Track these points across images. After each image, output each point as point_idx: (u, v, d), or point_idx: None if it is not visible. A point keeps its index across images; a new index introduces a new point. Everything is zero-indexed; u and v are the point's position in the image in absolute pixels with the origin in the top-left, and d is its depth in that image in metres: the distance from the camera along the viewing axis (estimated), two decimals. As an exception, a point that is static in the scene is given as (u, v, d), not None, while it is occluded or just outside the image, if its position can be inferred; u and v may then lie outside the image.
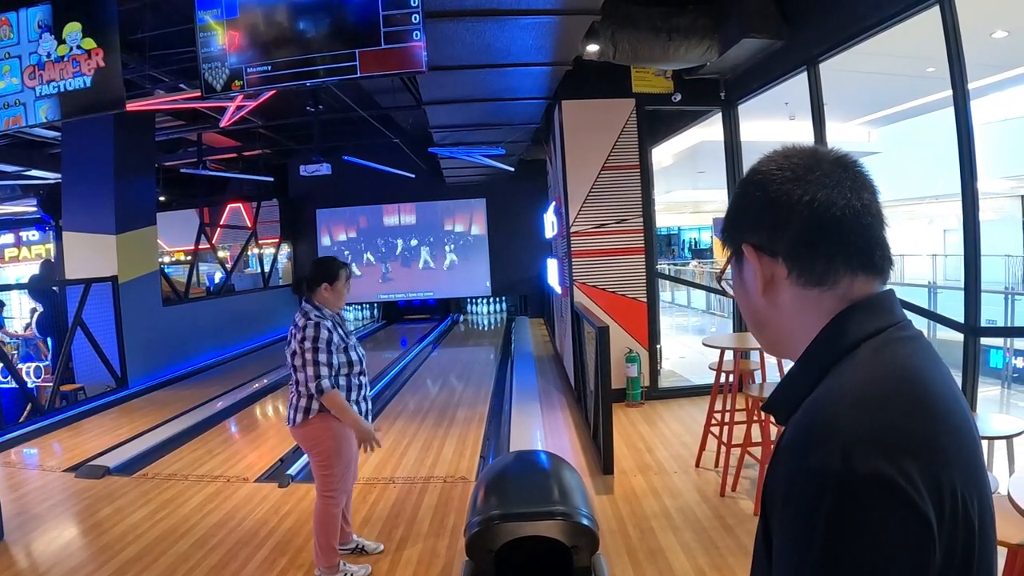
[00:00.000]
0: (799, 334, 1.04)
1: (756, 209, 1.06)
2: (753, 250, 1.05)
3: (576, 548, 2.50)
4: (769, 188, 1.04)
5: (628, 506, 5.07)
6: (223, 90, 5.68)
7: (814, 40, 6.23)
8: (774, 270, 1.04)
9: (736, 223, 1.11)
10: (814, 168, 1.03)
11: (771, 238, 1.03)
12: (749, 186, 1.08)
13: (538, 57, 6.87)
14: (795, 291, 1.03)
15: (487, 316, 19.08)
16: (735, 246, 1.11)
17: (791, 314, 1.05)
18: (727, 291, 1.20)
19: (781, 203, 1.02)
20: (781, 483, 0.88)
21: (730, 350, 5.56)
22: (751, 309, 1.12)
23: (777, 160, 1.06)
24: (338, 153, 13.26)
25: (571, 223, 8.18)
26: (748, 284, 1.10)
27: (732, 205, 1.13)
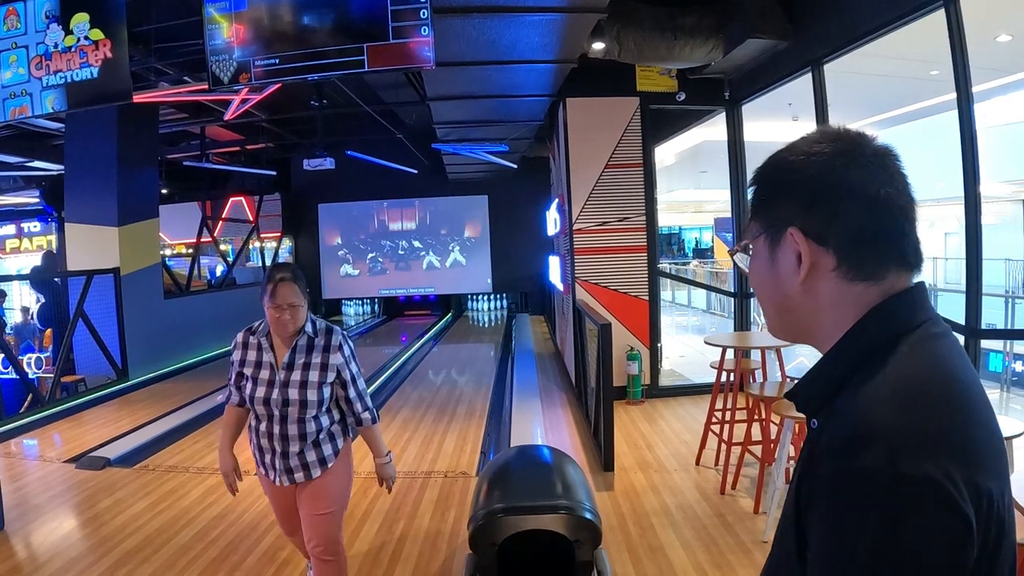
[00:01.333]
0: (831, 326, 1.00)
1: (810, 191, 0.99)
2: (802, 235, 0.99)
3: (578, 542, 2.51)
4: (825, 170, 0.98)
5: (628, 503, 5.08)
6: (230, 83, 5.69)
7: (819, 41, 6.23)
8: (819, 259, 0.99)
9: (780, 198, 1.03)
10: (868, 156, 0.99)
11: (824, 226, 0.98)
12: (802, 162, 1.01)
13: (543, 54, 6.87)
14: (837, 283, 0.98)
15: (488, 313, 19.09)
16: (773, 224, 1.04)
17: (827, 305, 1.00)
18: (740, 267, 1.14)
19: (841, 190, 0.97)
20: (825, 481, 0.87)
21: (731, 349, 5.58)
22: (778, 293, 1.05)
23: (829, 140, 1.01)
24: (341, 148, 13.26)
25: (574, 220, 8.18)
26: (782, 267, 1.03)
27: (775, 177, 1.06)
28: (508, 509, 2.45)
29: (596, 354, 6.29)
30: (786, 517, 0.97)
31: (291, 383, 3.11)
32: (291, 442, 3.14)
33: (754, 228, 1.08)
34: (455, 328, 16.91)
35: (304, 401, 3.10)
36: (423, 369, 11.50)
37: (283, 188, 18.05)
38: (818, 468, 0.89)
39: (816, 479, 0.89)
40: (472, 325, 17.72)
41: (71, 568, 4.32)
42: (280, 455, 3.15)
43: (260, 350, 3.20)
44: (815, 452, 0.92)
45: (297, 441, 3.14)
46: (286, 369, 3.13)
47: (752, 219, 1.10)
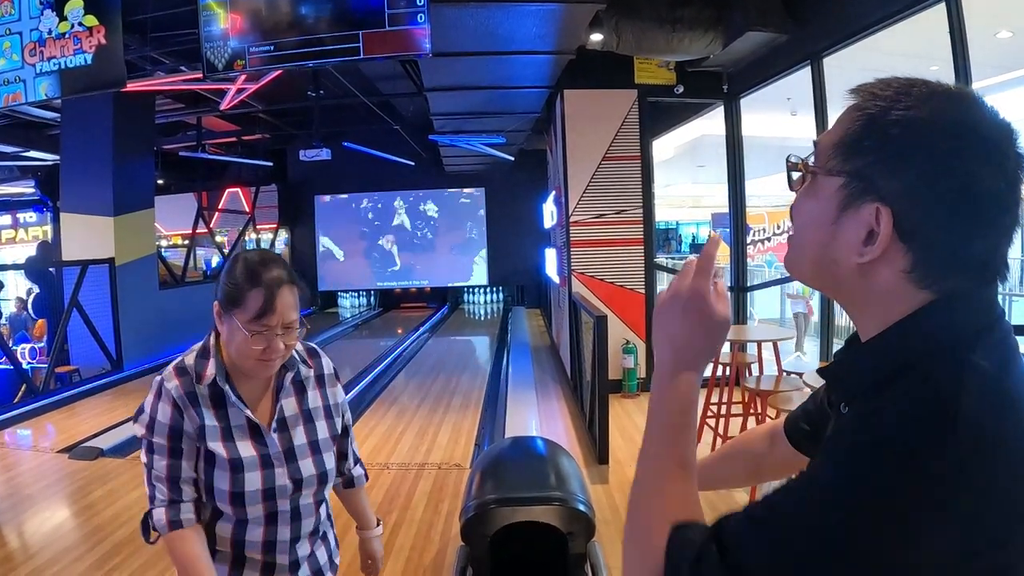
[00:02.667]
0: (876, 312, 0.86)
1: (927, 172, 0.80)
2: (891, 218, 0.81)
3: (572, 534, 2.49)
4: (955, 152, 0.79)
5: (623, 496, 5.06)
6: (225, 70, 5.66)
7: (818, 35, 6.21)
8: (893, 252, 0.83)
9: (886, 160, 0.82)
10: (1005, 147, 0.81)
11: (921, 224, 0.81)
12: (930, 126, 0.81)
13: (541, 45, 6.84)
14: (903, 285, 0.83)
15: (484, 305, 19.06)
16: (863, 183, 0.84)
17: (881, 297, 0.85)
18: (792, 180, 0.95)
19: (967, 199, 0.79)
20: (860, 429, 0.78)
21: (727, 342, 5.56)
22: (824, 252, 0.89)
23: (965, 106, 0.82)
24: (338, 139, 13.22)
25: (570, 213, 8.16)
26: (845, 235, 0.86)
27: (891, 131, 0.82)
28: (501, 500, 2.43)
29: (591, 347, 6.28)
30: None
31: (297, 451, 1.92)
32: (302, 544, 1.96)
33: (836, 164, 0.87)
34: (451, 320, 16.89)
35: (324, 474, 1.97)
36: (419, 361, 11.48)
37: (280, 179, 18.01)
38: (852, 431, 0.81)
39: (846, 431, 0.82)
40: (468, 318, 17.71)
41: (63, 558, 4.30)
42: (290, 569, 1.94)
43: (222, 406, 1.85)
44: (844, 427, 0.85)
45: (308, 541, 1.98)
46: (279, 429, 1.91)
47: (838, 151, 0.87)
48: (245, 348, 1.79)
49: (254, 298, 1.76)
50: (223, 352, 1.87)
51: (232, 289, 1.79)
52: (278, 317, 1.77)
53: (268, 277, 1.79)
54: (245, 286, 1.77)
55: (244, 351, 1.79)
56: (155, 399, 1.81)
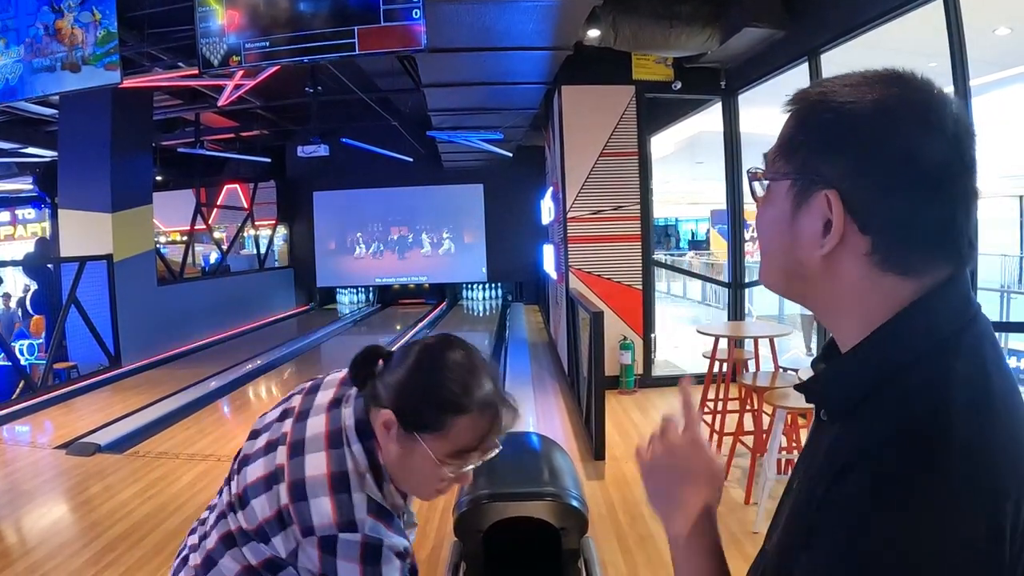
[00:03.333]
0: (851, 313, 0.84)
1: (866, 151, 0.79)
2: (841, 204, 0.80)
3: (565, 530, 2.50)
4: (892, 128, 0.79)
5: (619, 492, 5.07)
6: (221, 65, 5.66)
7: (816, 31, 6.20)
8: (852, 237, 0.81)
9: (825, 148, 0.82)
10: (945, 119, 0.80)
11: (872, 201, 0.79)
12: (862, 110, 0.80)
13: (538, 41, 6.84)
14: (867, 270, 0.81)
15: (482, 302, 19.06)
16: (807, 175, 0.83)
17: (850, 290, 0.83)
18: (754, 193, 0.93)
19: (906, 159, 0.78)
20: (860, 480, 0.74)
21: (724, 338, 5.57)
22: (789, 257, 0.87)
23: (897, 85, 0.82)
24: (336, 135, 13.21)
25: (568, 208, 8.16)
26: (803, 230, 0.84)
27: (825, 118, 0.83)
28: (494, 496, 2.43)
29: (589, 343, 6.28)
30: (796, 517, 0.85)
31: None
32: None
33: (781, 166, 0.87)
34: (449, 317, 16.88)
35: None
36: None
37: (278, 175, 17.99)
38: (850, 469, 0.76)
39: (847, 481, 0.76)
40: (466, 314, 17.70)
41: (60, 553, 4.31)
42: None
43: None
44: (839, 450, 0.80)
45: None
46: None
47: (780, 154, 0.88)
48: (431, 478, 1.45)
49: (467, 428, 1.40)
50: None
51: (441, 408, 1.39)
52: (493, 443, 1.45)
53: (484, 396, 1.41)
54: (461, 411, 1.39)
55: (429, 480, 1.46)
56: (384, 567, 1.33)
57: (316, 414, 1.48)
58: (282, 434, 1.48)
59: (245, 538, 1.43)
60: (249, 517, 1.42)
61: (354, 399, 1.49)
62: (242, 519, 1.43)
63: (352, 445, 1.41)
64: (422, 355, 1.45)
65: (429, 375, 1.42)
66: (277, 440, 1.47)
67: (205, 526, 1.57)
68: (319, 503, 1.34)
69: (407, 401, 1.40)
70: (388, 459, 1.42)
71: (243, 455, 1.54)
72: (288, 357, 11.37)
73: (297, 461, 1.40)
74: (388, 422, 1.40)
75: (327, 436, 1.43)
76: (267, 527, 1.38)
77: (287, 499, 1.36)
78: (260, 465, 1.46)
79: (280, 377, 10.07)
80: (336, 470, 1.38)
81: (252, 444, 1.54)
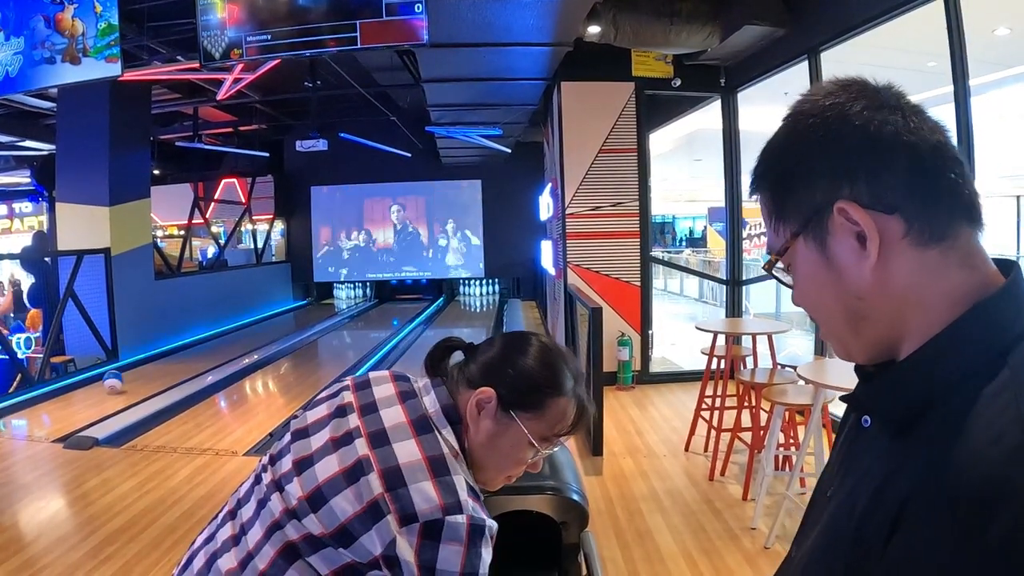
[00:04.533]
0: (916, 313, 0.78)
1: (843, 150, 0.79)
2: (856, 206, 0.77)
3: (565, 524, 2.50)
4: (852, 122, 0.78)
5: (617, 487, 5.08)
6: (222, 59, 5.64)
7: (816, 30, 6.21)
8: (886, 228, 0.77)
9: (807, 178, 0.81)
10: (888, 99, 0.80)
11: (876, 185, 0.77)
12: (818, 125, 0.80)
13: (539, 37, 6.84)
14: (913, 253, 0.77)
15: (480, 298, 19.06)
16: (810, 214, 0.81)
17: (909, 286, 0.78)
18: (783, 281, 0.89)
19: (879, 138, 0.77)
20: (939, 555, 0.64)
21: (722, 335, 5.57)
22: (846, 299, 0.82)
23: (837, 91, 0.81)
24: (334, 130, 13.20)
25: (566, 205, 8.16)
26: (843, 260, 0.80)
27: (787, 158, 0.84)
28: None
29: (587, 339, 6.28)
30: (833, 531, 0.79)
31: None
32: None
33: (783, 233, 0.85)
34: (447, 312, 16.88)
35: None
36: (414, 353, 11.47)
37: (276, 170, 17.97)
38: (918, 506, 0.68)
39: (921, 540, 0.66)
40: (464, 310, 17.69)
41: (58, 547, 4.30)
42: None
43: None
44: (896, 474, 0.72)
45: None
46: None
47: (775, 225, 0.87)
48: (514, 460, 1.50)
49: (563, 410, 1.47)
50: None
51: (539, 389, 1.45)
52: (568, 435, 1.52)
53: (582, 392, 1.51)
54: (559, 392, 1.46)
55: (513, 462, 1.50)
56: (484, 551, 1.31)
57: (388, 406, 1.45)
58: (353, 427, 1.41)
59: (316, 545, 1.33)
60: (327, 519, 1.32)
61: (433, 388, 1.49)
62: (314, 523, 1.33)
63: (442, 430, 1.41)
64: (517, 339, 1.51)
65: (528, 357, 1.46)
66: (347, 435, 1.40)
67: (228, 543, 1.45)
68: (421, 488, 1.30)
69: (506, 380, 1.44)
70: (476, 440, 1.45)
71: (298, 457, 1.42)
72: (285, 352, 11.36)
73: (385, 450, 1.35)
74: (485, 399, 1.43)
75: (411, 424, 1.40)
76: (352, 525, 1.31)
77: (381, 488, 1.30)
78: (333, 461, 1.37)
79: (277, 372, 10.06)
80: (432, 454, 1.35)
81: (305, 444, 1.44)
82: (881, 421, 0.81)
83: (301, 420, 1.52)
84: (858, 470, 0.80)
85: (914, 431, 0.74)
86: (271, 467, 1.45)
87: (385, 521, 1.28)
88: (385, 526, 1.28)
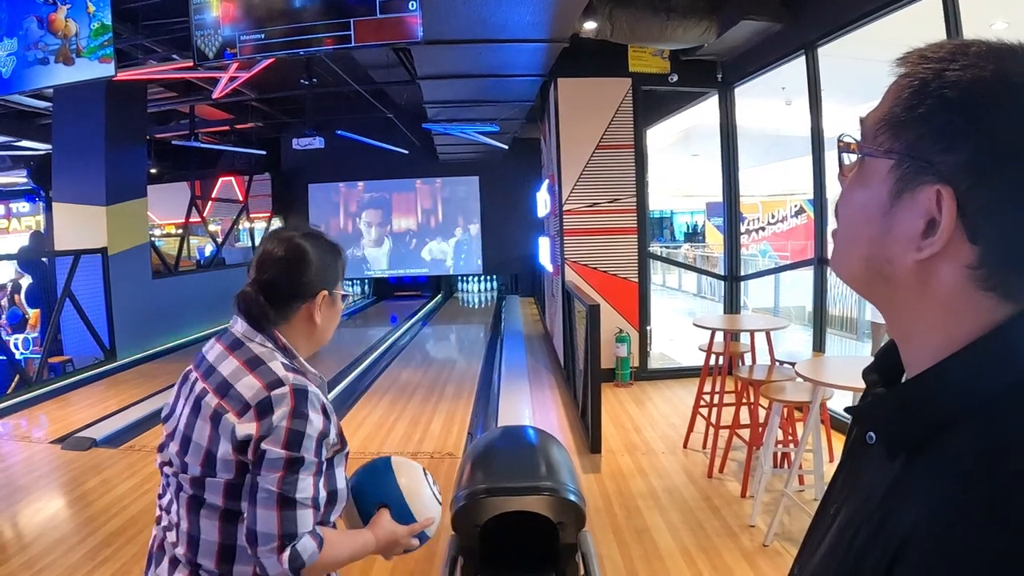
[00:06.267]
0: (934, 328, 0.71)
1: (997, 148, 0.65)
2: (954, 202, 0.66)
3: (562, 524, 2.49)
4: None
5: (615, 485, 5.07)
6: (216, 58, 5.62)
7: (813, 24, 6.20)
8: (956, 246, 0.67)
9: (945, 134, 0.67)
10: None
11: (990, 210, 0.65)
12: (1001, 94, 0.65)
13: (534, 33, 6.82)
14: (965, 284, 0.67)
15: (478, 294, 19.06)
16: (918, 160, 0.69)
17: (939, 303, 0.70)
18: (844, 164, 0.78)
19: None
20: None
21: (720, 331, 5.57)
22: (879, 251, 0.73)
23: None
24: (331, 128, 13.17)
25: (564, 201, 8.15)
26: (900, 225, 0.70)
27: (951, 97, 0.66)
28: (491, 490, 2.43)
29: (585, 336, 6.28)
30: (835, 556, 0.72)
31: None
32: None
33: (885, 141, 0.72)
34: (445, 309, 16.89)
35: None
36: (412, 350, 11.48)
37: (273, 168, 17.95)
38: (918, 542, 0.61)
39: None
40: (462, 307, 17.70)
41: (56, 548, 4.30)
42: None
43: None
44: (901, 501, 0.66)
45: None
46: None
47: (885, 126, 0.72)
48: (338, 315, 1.84)
49: (343, 262, 1.82)
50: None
51: (339, 264, 1.81)
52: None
53: (326, 240, 1.81)
54: (338, 255, 1.81)
55: (337, 319, 1.83)
56: (310, 412, 1.55)
57: (222, 360, 1.67)
58: (200, 391, 1.65)
59: (201, 486, 1.56)
60: (195, 453, 1.57)
61: (258, 332, 1.72)
62: (192, 464, 1.57)
63: (252, 340, 1.68)
64: (310, 244, 1.75)
65: (321, 248, 1.76)
66: (198, 398, 1.63)
67: (168, 521, 1.66)
68: (244, 383, 1.57)
69: (318, 275, 1.73)
70: (319, 330, 1.78)
71: (167, 435, 1.70)
72: (284, 350, 11.30)
73: (217, 380, 1.62)
74: (318, 300, 1.74)
75: (244, 364, 1.63)
76: (212, 445, 1.55)
77: (216, 399, 1.57)
78: (193, 419, 1.61)
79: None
80: (247, 358, 1.62)
81: (172, 423, 1.70)
82: (886, 441, 0.73)
83: (168, 411, 1.77)
84: (861, 491, 0.75)
85: (921, 457, 0.67)
86: (167, 465, 1.67)
87: (225, 420, 1.53)
88: (227, 424, 1.53)
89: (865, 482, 0.75)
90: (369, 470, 1.90)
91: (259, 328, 1.70)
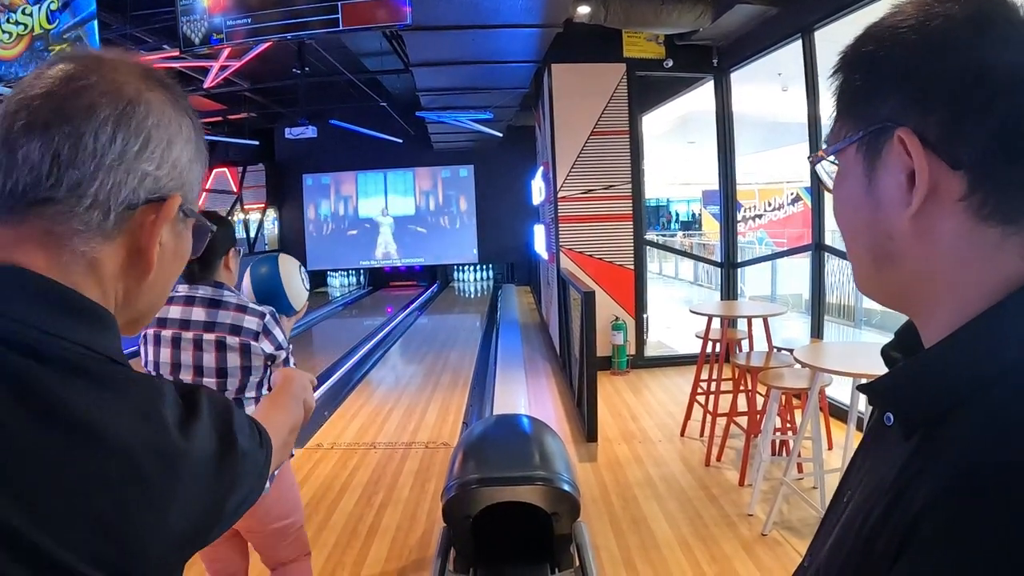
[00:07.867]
0: (952, 287, 0.66)
1: (929, 74, 0.64)
2: (917, 141, 0.64)
3: (556, 515, 2.44)
4: (952, 42, 0.63)
5: (612, 474, 5.03)
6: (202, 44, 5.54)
7: (809, 8, 6.11)
8: (941, 181, 0.64)
9: (883, 85, 0.67)
10: (1016, 25, 0.64)
11: (952, 128, 0.63)
12: (915, 31, 0.65)
13: (527, 18, 6.75)
14: (967, 222, 0.63)
15: (474, 283, 19.02)
16: (872, 124, 0.68)
17: (952, 257, 0.65)
18: (823, 180, 0.77)
19: (979, 73, 0.62)
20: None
21: (717, 318, 5.52)
22: (876, 231, 0.70)
23: (953, 1, 0.65)
24: (325, 117, 13.11)
25: (558, 188, 8.08)
26: (884, 193, 0.68)
27: (875, 54, 0.68)
28: (483, 480, 2.38)
29: (580, 323, 6.23)
30: (844, 542, 0.68)
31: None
32: None
33: (842, 131, 0.72)
34: (441, 299, 16.86)
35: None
36: (408, 339, 11.44)
37: (267, 158, 17.88)
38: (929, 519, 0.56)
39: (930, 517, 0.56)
40: (458, 296, 17.67)
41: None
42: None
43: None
44: (910, 481, 0.61)
45: None
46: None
47: (839, 119, 0.73)
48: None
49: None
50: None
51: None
52: None
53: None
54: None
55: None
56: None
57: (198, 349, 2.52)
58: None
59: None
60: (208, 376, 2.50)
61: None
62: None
63: (224, 292, 2.55)
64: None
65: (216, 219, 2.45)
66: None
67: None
68: (236, 319, 2.50)
69: (232, 233, 2.82)
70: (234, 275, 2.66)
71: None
72: (278, 341, 11.27)
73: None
74: (231, 256, 2.64)
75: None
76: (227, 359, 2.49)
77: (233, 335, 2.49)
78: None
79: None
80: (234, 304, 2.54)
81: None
82: (902, 419, 0.68)
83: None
84: (876, 477, 0.69)
85: (937, 433, 0.62)
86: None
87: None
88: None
89: (880, 466, 0.70)
90: (260, 261, 2.82)
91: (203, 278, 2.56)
